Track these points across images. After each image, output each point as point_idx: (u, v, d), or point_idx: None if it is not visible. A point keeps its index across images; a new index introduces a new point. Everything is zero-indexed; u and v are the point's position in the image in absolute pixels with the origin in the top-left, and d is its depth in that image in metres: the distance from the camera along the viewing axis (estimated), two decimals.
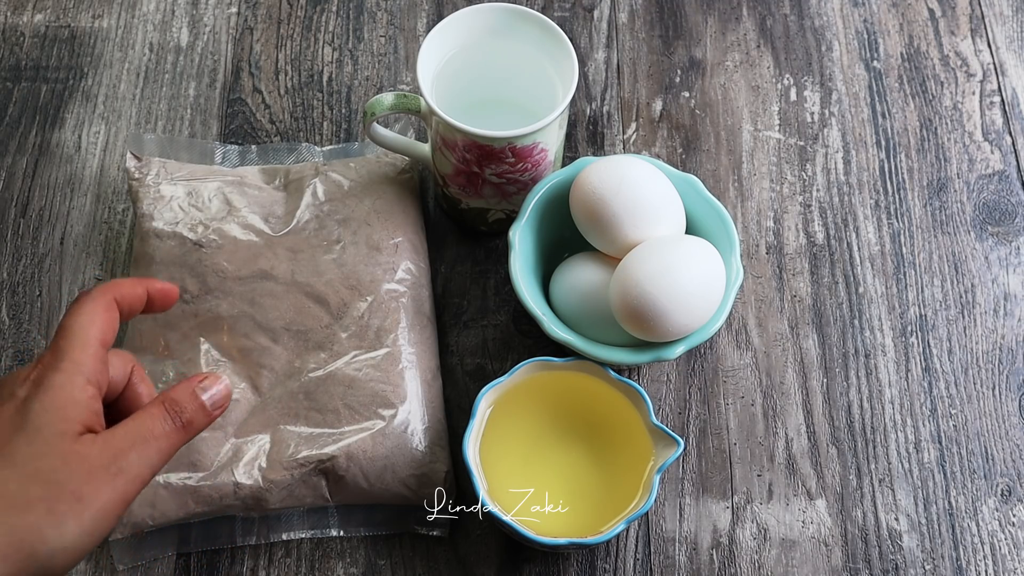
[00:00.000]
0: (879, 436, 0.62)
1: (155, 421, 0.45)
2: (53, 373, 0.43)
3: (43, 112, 0.71)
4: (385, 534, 0.58)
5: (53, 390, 0.43)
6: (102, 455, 0.43)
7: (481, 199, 0.63)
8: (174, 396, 0.47)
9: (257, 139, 0.70)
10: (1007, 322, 0.65)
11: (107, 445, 0.43)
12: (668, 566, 0.58)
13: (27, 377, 0.44)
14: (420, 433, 0.57)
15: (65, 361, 0.44)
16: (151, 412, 0.46)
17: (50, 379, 0.43)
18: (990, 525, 0.60)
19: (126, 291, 0.48)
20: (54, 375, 0.43)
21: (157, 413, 0.46)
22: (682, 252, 0.54)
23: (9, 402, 0.43)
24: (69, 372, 0.44)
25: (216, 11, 0.75)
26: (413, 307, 0.61)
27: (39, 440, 0.42)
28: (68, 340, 0.45)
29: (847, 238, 0.68)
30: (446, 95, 0.61)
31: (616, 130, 0.71)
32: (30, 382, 0.43)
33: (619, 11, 0.76)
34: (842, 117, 0.72)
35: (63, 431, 0.42)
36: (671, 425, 0.62)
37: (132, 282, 0.49)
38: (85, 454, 0.42)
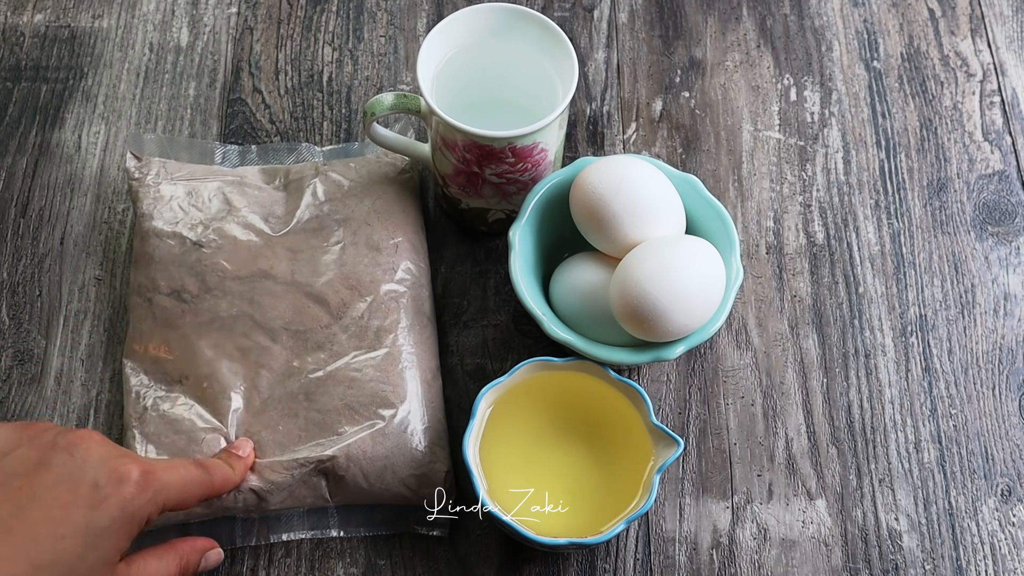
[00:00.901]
0: (879, 436, 0.62)
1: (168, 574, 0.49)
2: (136, 496, 0.45)
3: (43, 112, 0.70)
4: (385, 534, 0.58)
5: (127, 516, 0.45)
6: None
7: (481, 199, 0.63)
8: (189, 560, 0.50)
9: (257, 139, 0.70)
10: (1007, 322, 0.65)
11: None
12: (668, 566, 0.58)
13: (114, 469, 0.45)
14: (420, 433, 0.57)
15: (149, 493, 0.45)
16: (169, 569, 0.49)
17: (130, 501, 0.45)
18: (990, 525, 0.60)
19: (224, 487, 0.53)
20: (136, 499, 0.45)
21: (174, 570, 0.49)
22: (682, 252, 0.54)
23: (87, 486, 0.44)
24: (146, 506, 0.46)
25: (216, 11, 0.75)
26: (413, 307, 0.61)
27: (89, 558, 0.43)
28: (167, 475, 0.47)
29: (847, 238, 0.68)
30: (446, 95, 0.61)
31: (616, 130, 0.71)
32: (115, 479, 0.45)
33: (619, 11, 0.76)
34: (842, 117, 0.72)
35: (108, 560, 0.44)
36: (671, 425, 0.62)
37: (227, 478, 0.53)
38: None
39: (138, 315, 0.60)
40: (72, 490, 0.43)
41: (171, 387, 0.58)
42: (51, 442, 0.45)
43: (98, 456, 0.45)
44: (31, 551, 0.42)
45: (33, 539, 0.42)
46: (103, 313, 0.64)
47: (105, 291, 0.64)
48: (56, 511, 0.43)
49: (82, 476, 0.44)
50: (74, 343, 0.63)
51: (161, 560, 0.49)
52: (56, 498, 0.43)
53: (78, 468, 0.44)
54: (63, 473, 0.44)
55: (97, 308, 0.64)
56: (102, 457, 0.45)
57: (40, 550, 0.42)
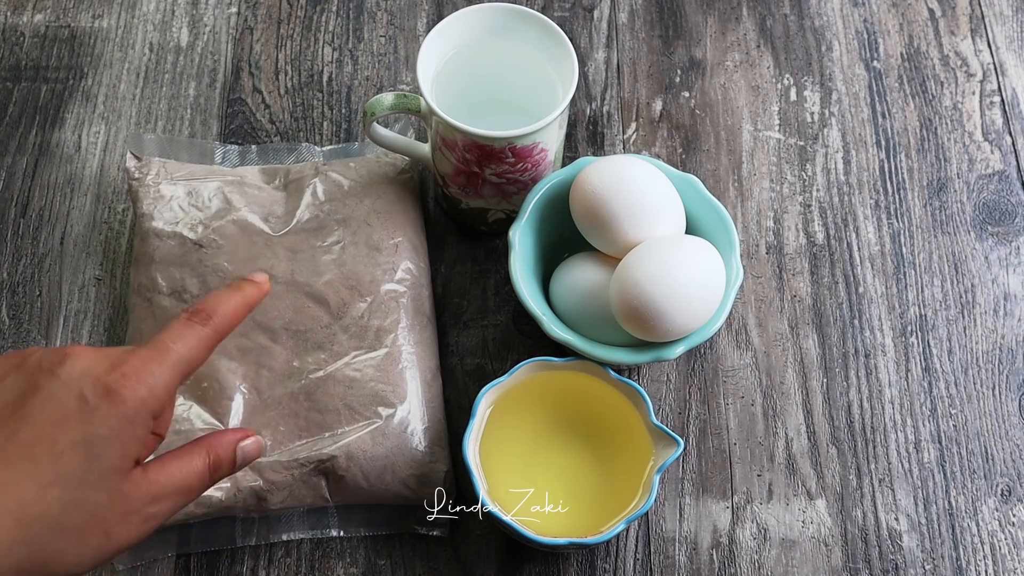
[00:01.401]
0: (879, 436, 0.62)
1: (196, 476, 0.46)
2: (128, 400, 0.43)
3: (43, 112, 0.71)
4: (385, 534, 0.58)
5: (124, 421, 0.42)
6: (143, 498, 0.43)
7: (481, 199, 0.63)
8: (219, 454, 0.47)
9: (257, 139, 0.70)
10: (1007, 322, 0.65)
11: (149, 487, 0.44)
12: (668, 566, 0.58)
13: (98, 379, 0.43)
14: (420, 433, 0.57)
15: (143, 390, 0.43)
16: (195, 465, 0.46)
17: (123, 406, 0.42)
18: (990, 525, 0.60)
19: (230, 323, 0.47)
20: (129, 403, 0.43)
21: (201, 467, 0.46)
22: (682, 252, 0.54)
23: (74, 400, 0.42)
24: (143, 405, 0.43)
25: (216, 11, 0.75)
26: (413, 307, 0.61)
27: (95, 469, 0.42)
28: (156, 364, 0.44)
29: (847, 238, 0.68)
30: (446, 95, 0.61)
31: (616, 130, 0.71)
32: (102, 389, 0.42)
33: (619, 11, 0.76)
34: (842, 117, 0.72)
35: (118, 466, 0.43)
36: (671, 425, 0.62)
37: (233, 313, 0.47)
38: (129, 494, 0.43)
39: (138, 315, 0.60)
40: (60, 407, 0.42)
41: None
42: (36, 366, 0.43)
43: (81, 369, 0.43)
44: (32, 471, 0.41)
45: (32, 459, 0.41)
46: (103, 313, 0.64)
47: (105, 291, 0.65)
48: (48, 429, 0.41)
49: (68, 392, 0.42)
50: (74, 343, 0.63)
51: (183, 459, 0.46)
52: (47, 417, 0.42)
53: (63, 385, 0.42)
54: (50, 392, 0.42)
55: (97, 308, 0.64)
56: (85, 369, 0.43)
57: (41, 469, 0.41)
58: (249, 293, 0.48)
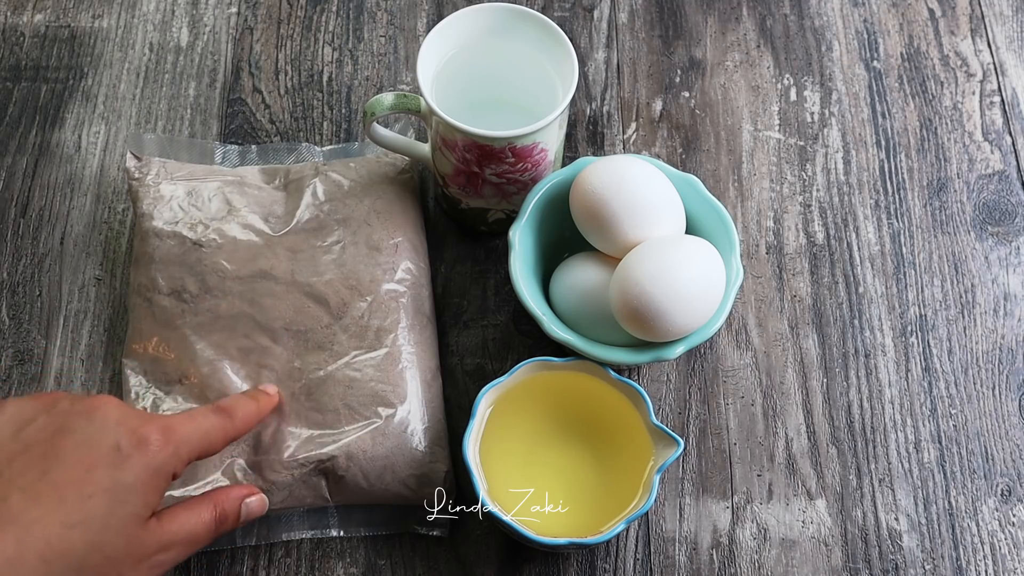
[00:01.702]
0: (879, 436, 0.62)
1: (204, 527, 0.49)
2: (159, 454, 0.46)
3: (43, 112, 0.71)
4: (385, 534, 0.58)
5: (152, 472, 0.45)
6: (154, 545, 0.46)
7: (481, 199, 0.63)
8: (226, 509, 0.50)
9: (257, 139, 0.70)
10: (1007, 322, 0.65)
11: (161, 536, 0.46)
12: (668, 566, 0.58)
13: (133, 430, 0.45)
14: (420, 433, 0.57)
15: (171, 448, 0.46)
16: (203, 517, 0.49)
17: (153, 458, 0.45)
18: (990, 525, 0.60)
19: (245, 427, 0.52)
20: (158, 456, 0.46)
21: (208, 520, 0.49)
22: (682, 252, 0.54)
23: (108, 447, 0.44)
24: (169, 462, 0.46)
25: (216, 11, 0.75)
26: (413, 307, 0.61)
27: (119, 515, 0.44)
28: (186, 428, 0.48)
29: (847, 238, 0.68)
30: (446, 95, 0.61)
31: (616, 130, 0.71)
32: (136, 439, 0.45)
33: (619, 11, 0.76)
34: (842, 117, 0.72)
35: (138, 515, 0.45)
36: (671, 425, 0.62)
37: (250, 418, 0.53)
38: (143, 542, 0.45)
39: (138, 315, 0.60)
40: (94, 452, 0.44)
41: (171, 387, 0.58)
42: (68, 409, 0.46)
43: (116, 418, 0.46)
44: (61, 512, 0.42)
45: (61, 500, 0.43)
46: (103, 313, 0.64)
47: (105, 291, 0.65)
48: (81, 472, 0.43)
49: (102, 438, 0.45)
50: (74, 343, 0.63)
51: (193, 511, 0.49)
52: (79, 460, 0.44)
53: (98, 431, 0.45)
54: (83, 437, 0.44)
55: (97, 308, 0.64)
56: (120, 419, 0.46)
57: (69, 510, 0.43)
58: (263, 403, 0.54)
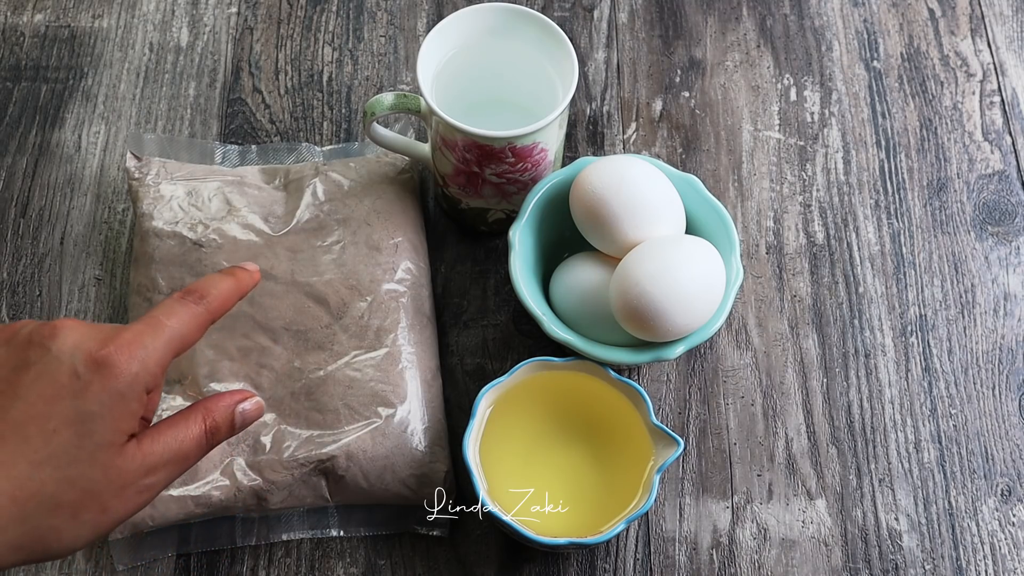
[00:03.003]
0: (879, 436, 0.62)
1: (192, 442, 0.45)
2: (121, 375, 0.42)
3: (43, 112, 0.71)
4: (385, 534, 0.58)
5: (117, 395, 0.42)
6: (137, 470, 0.43)
7: (481, 199, 0.63)
8: (217, 418, 0.46)
9: (257, 139, 0.70)
10: (1007, 322, 0.65)
11: (144, 459, 0.43)
12: (668, 566, 0.58)
13: (90, 353, 0.42)
14: (420, 433, 0.57)
15: (136, 365, 0.43)
16: (191, 431, 0.45)
17: (116, 380, 0.42)
18: (990, 525, 0.60)
19: (222, 305, 0.47)
20: (121, 377, 0.42)
21: (198, 433, 0.45)
22: (682, 252, 0.54)
23: (66, 376, 0.42)
24: (136, 380, 0.43)
25: (216, 11, 0.75)
26: (413, 307, 0.61)
27: (88, 445, 0.42)
28: (149, 338, 0.43)
29: (847, 238, 0.68)
30: (446, 95, 0.61)
31: (616, 130, 0.71)
32: (94, 363, 0.42)
33: (619, 11, 0.76)
34: (842, 117, 0.72)
35: (111, 441, 0.42)
36: (671, 425, 0.62)
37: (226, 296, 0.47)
38: (123, 469, 0.42)
39: (138, 315, 0.60)
40: (52, 383, 0.42)
41: (170, 387, 0.58)
42: (26, 340, 0.43)
43: (73, 343, 0.43)
44: (26, 450, 0.41)
45: (24, 438, 0.41)
46: (103, 313, 0.64)
47: (105, 291, 0.65)
48: (41, 406, 0.41)
49: (60, 367, 0.42)
50: None
51: (179, 427, 0.45)
52: (39, 394, 0.41)
53: (55, 360, 0.42)
54: (41, 369, 0.42)
55: (97, 308, 0.64)
56: (77, 343, 0.43)
57: (34, 447, 0.41)
58: (242, 278, 0.48)
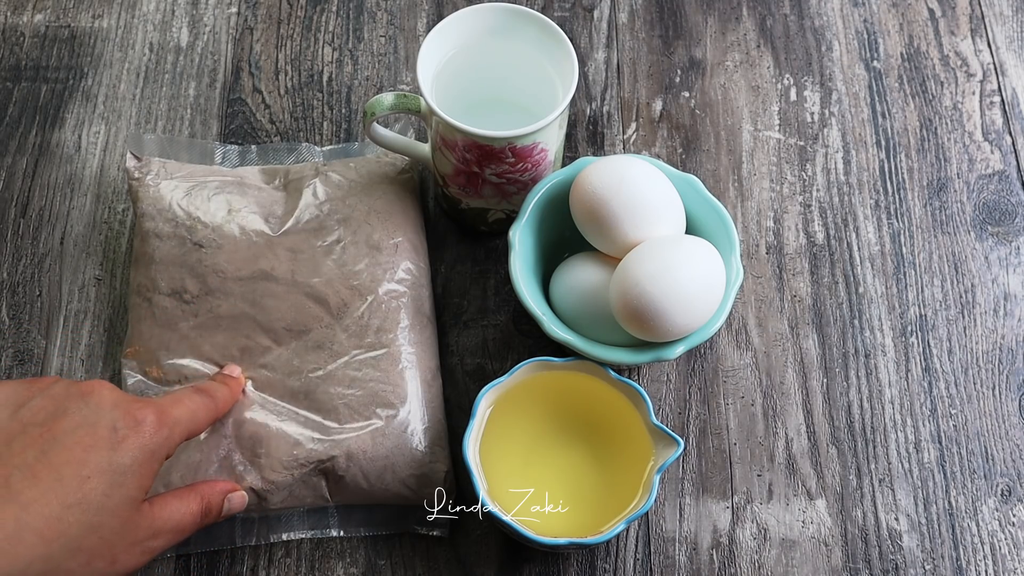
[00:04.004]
0: (879, 436, 0.62)
1: (191, 517, 0.50)
2: (154, 436, 0.47)
3: (43, 112, 0.71)
4: (385, 534, 0.58)
5: (147, 454, 0.46)
6: (146, 530, 0.47)
7: (481, 199, 0.63)
8: (211, 502, 0.52)
9: (257, 139, 0.70)
10: (1007, 322, 0.65)
11: (153, 521, 0.47)
12: (668, 566, 0.58)
13: (129, 412, 0.46)
14: (420, 433, 0.57)
15: (165, 431, 0.47)
16: (191, 507, 0.50)
17: (149, 440, 0.46)
18: (990, 525, 0.60)
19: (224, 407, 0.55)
20: (154, 438, 0.47)
21: (196, 510, 0.50)
22: (682, 252, 0.54)
23: (106, 428, 0.45)
24: (164, 444, 0.47)
25: (216, 11, 0.75)
26: (413, 307, 0.61)
27: (115, 496, 0.45)
28: (177, 410, 0.49)
29: (847, 238, 0.68)
30: (446, 95, 0.61)
31: (616, 130, 0.71)
32: (132, 421, 0.46)
33: (619, 11, 0.76)
34: (842, 117, 0.72)
35: (133, 498, 0.45)
36: (671, 425, 0.62)
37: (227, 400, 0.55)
38: (137, 525, 0.46)
39: (137, 315, 0.60)
40: (92, 433, 0.45)
41: (170, 388, 0.58)
42: (64, 392, 0.46)
43: (111, 401, 0.46)
44: (59, 492, 0.43)
45: (59, 480, 0.43)
46: (103, 313, 0.64)
47: (105, 291, 0.65)
48: (79, 453, 0.44)
49: (99, 420, 0.45)
50: (74, 343, 0.63)
51: (183, 500, 0.50)
52: (77, 441, 0.44)
53: (94, 413, 0.45)
54: (81, 419, 0.45)
55: (97, 308, 0.64)
56: (115, 402, 0.46)
57: (67, 490, 0.43)
58: (233, 385, 0.56)
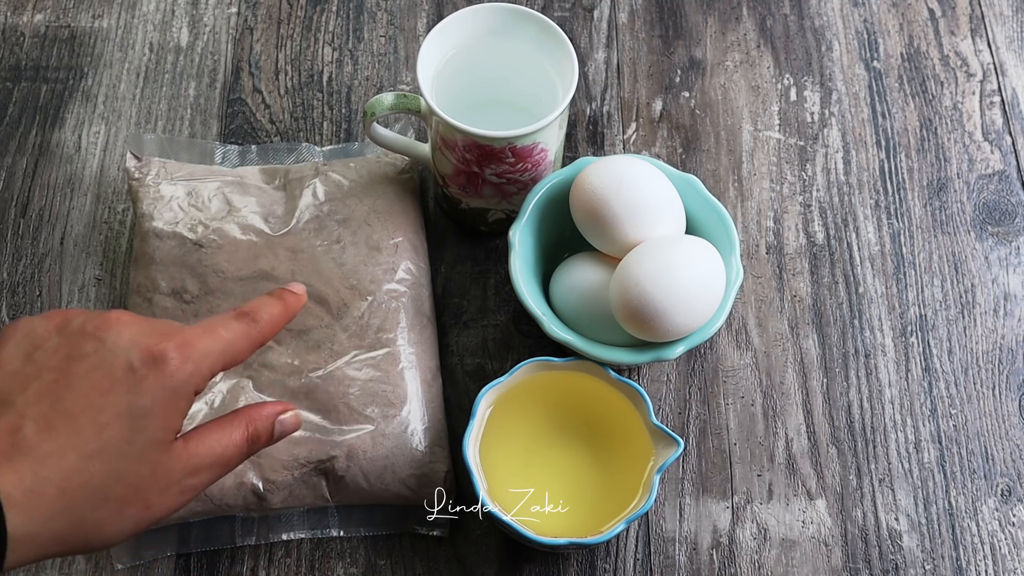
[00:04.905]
0: (879, 436, 0.62)
1: (234, 447, 0.45)
2: (176, 372, 0.42)
3: (43, 112, 0.71)
4: (385, 534, 0.58)
5: (169, 392, 0.42)
6: (181, 470, 0.43)
7: (481, 199, 0.63)
8: (258, 427, 0.47)
9: (257, 139, 0.70)
10: (1007, 322, 0.65)
11: (188, 460, 0.43)
12: (668, 566, 0.58)
13: (147, 348, 0.42)
14: (420, 433, 0.57)
15: (190, 366, 0.43)
16: (234, 437, 0.46)
17: (171, 378, 0.42)
18: (990, 525, 0.60)
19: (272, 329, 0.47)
20: (176, 375, 0.42)
21: (240, 439, 0.46)
22: (682, 252, 0.54)
23: (122, 369, 0.42)
24: (189, 380, 0.43)
25: (216, 11, 0.75)
26: (413, 307, 0.61)
27: (138, 440, 0.42)
28: (206, 342, 0.44)
29: (847, 238, 0.68)
30: (446, 95, 0.61)
31: (616, 130, 0.71)
32: (150, 358, 0.42)
33: (619, 11, 0.76)
34: (842, 117, 0.72)
35: (160, 438, 0.42)
36: (671, 425, 0.62)
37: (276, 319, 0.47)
38: (168, 467, 0.43)
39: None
40: (107, 376, 0.41)
41: None
42: (80, 329, 0.43)
43: (129, 337, 0.43)
44: (77, 442, 0.40)
45: (76, 430, 0.41)
46: None
47: (105, 291, 0.65)
48: (95, 399, 0.41)
49: (115, 360, 0.42)
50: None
51: (224, 430, 0.45)
52: (93, 386, 0.41)
53: (110, 353, 0.42)
54: (96, 360, 0.42)
55: (97, 308, 0.64)
56: (133, 338, 0.43)
57: (85, 440, 0.41)
58: (290, 302, 0.49)
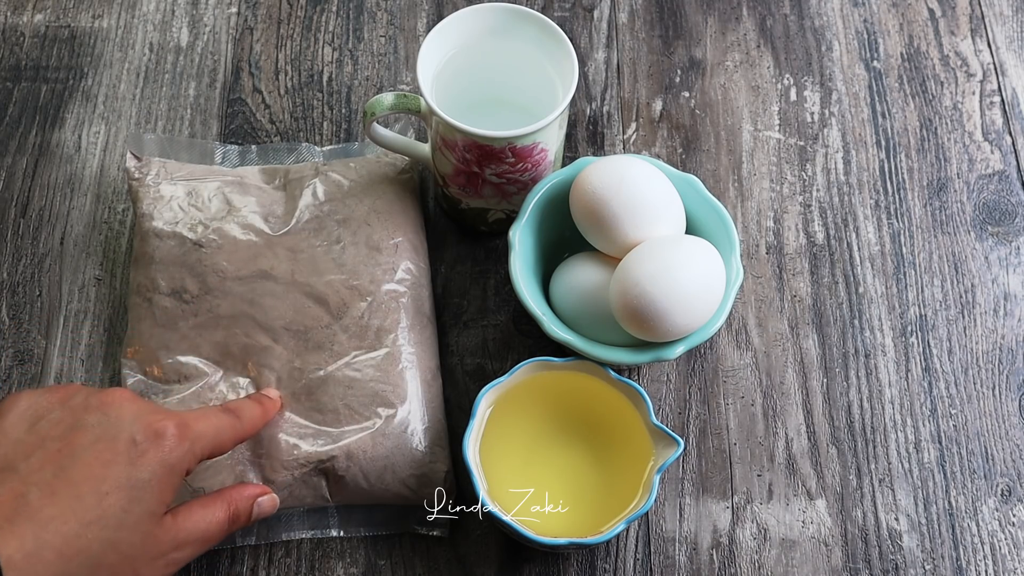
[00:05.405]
0: (879, 436, 0.62)
1: (217, 525, 0.49)
2: (175, 449, 0.45)
3: (43, 112, 0.71)
4: (385, 534, 0.58)
5: (167, 468, 0.45)
6: (169, 543, 0.46)
7: (481, 199, 0.63)
8: (239, 508, 0.50)
9: (257, 139, 0.70)
10: (1007, 322, 0.65)
11: (176, 534, 0.46)
12: (668, 566, 0.58)
13: (149, 424, 0.45)
14: (420, 433, 0.57)
15: (187, 444, 0.46)
16: (217, 516, 0.49)
17: (169, 454, 0.45)
18: (990, 525, 0.60)
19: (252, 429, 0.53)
20: (175, 452, 0.45)
21: (222, 518, 0.49)
22: (682, 252, 0.54)
23: (124, 443, 0.44)
24: (184, 457, 0.46)
25: (216, 11, 0.75)
26: (413, 307, 0.61)
27: (135, 511, 0.44)
28: (201, 424, 0.48)
29: (847, 238, 0.68)
30: (446, 95, 0.61)
31: (616, 130, 0.71)
32: (152, 433, 0.45)
33: (619, 11, 0.76)
34: (842, 117, 0.72)
35: (154, 512, 0.45)
36: (671, 425, 0.62)
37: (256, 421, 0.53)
38: (159, 539, 0.45)
39: (138, 315, 0.60)
40: (111, 447, 0.44)
41: (169, 387, 0.58)
42: (83, 403, 0.45)
43: (132, 413, 0.45)
44: (78, 509, 0.42)
45: (78, 497, 0.42)
46: (103, 313, 0.64)
47: (105, 291, 0.65)
48: (97, 469, 0.43)
49: (119, 433, 0.44)
50: (74, 343, 0.63)
51: (208, 508, 0.49)
52: (96, 456, 0.43)
53: (114, 426, 0.45)
54: (100, 432, 0.44)
55: (97, 308, 0.64)
56: (136, 414, 0.45)
57: (86, 507, 0.42)
58: (267, 406, 0.54)
